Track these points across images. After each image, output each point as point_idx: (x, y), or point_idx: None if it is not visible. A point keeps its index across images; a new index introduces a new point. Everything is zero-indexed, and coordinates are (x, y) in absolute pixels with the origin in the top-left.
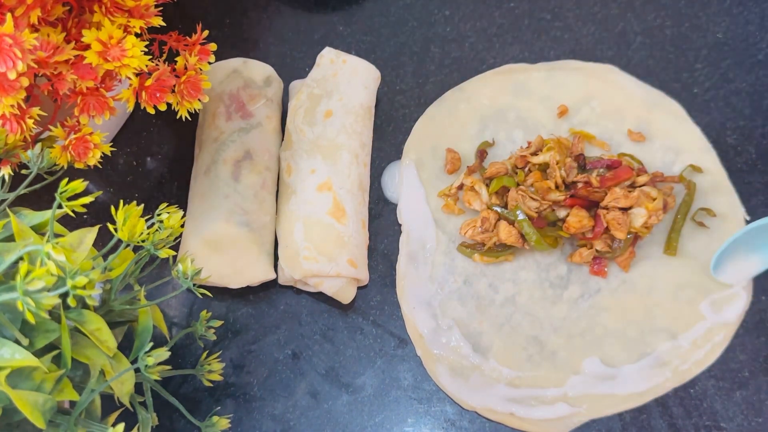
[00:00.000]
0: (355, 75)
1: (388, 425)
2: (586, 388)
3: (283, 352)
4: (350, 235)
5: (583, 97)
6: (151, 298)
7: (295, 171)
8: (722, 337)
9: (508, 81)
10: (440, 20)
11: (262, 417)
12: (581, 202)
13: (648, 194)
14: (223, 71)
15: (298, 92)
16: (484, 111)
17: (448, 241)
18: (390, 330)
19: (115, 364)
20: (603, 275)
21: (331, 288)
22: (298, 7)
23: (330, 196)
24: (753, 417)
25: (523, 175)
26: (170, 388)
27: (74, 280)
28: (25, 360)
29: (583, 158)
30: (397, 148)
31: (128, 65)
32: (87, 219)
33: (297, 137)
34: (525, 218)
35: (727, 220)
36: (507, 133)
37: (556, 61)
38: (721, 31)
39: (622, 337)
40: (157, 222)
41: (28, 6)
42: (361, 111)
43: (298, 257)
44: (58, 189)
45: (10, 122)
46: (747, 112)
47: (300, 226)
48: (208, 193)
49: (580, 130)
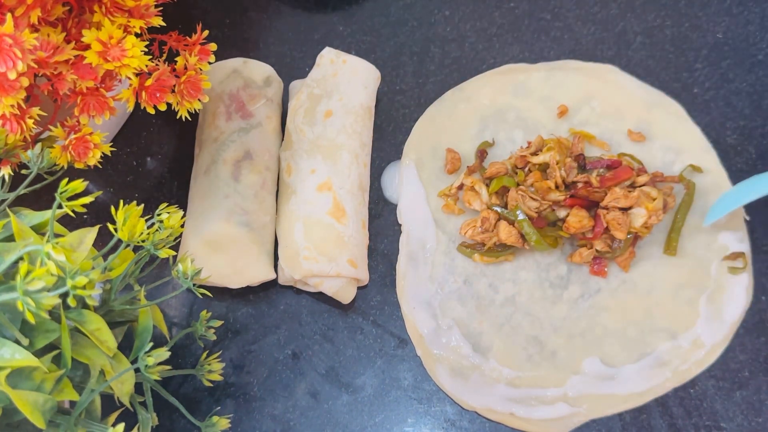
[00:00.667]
0: (355, 75)
1: (388, 425)
2: (586, 388)
3: (283, 352)
4: (350, 235)
5: (583, 97)
6: (151, 298)
7: (295, 171)
8: (722, 337)
9: (508, 81)
10: (440, 20)
11: (262, 417)
12: (581, 202)
13: (648, 194)
14: (223, 71)
15: (298, 92)
16: (484, 111)
17: (448, 241)
18: (390, 330)
19: (115, 364)
20: (603, 275)
21: (331, 288)
22: (298, 7)
23: (330, 196)
24: (753, 417)
25: (523, 175)
26: (170, 388)
27: (74, 280)
28: (25, 360)
29: (583, 158)
30: (397, 148)
31: (128, 65)
32: (87, 219)
33: (297, 137)
34: (525, 218)
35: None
36: (507, 133)
37: (556, 61)
38: (721, 31)
39: (622, 337)
40: (157, 222)
41: (28, 6)
42: (361, 111)
43: (298, 257)
44: (58, 189)
45: (10, 122)
46: (747, 112)
47: (300, 226)
48: (208, 193)
49: (580, 130)
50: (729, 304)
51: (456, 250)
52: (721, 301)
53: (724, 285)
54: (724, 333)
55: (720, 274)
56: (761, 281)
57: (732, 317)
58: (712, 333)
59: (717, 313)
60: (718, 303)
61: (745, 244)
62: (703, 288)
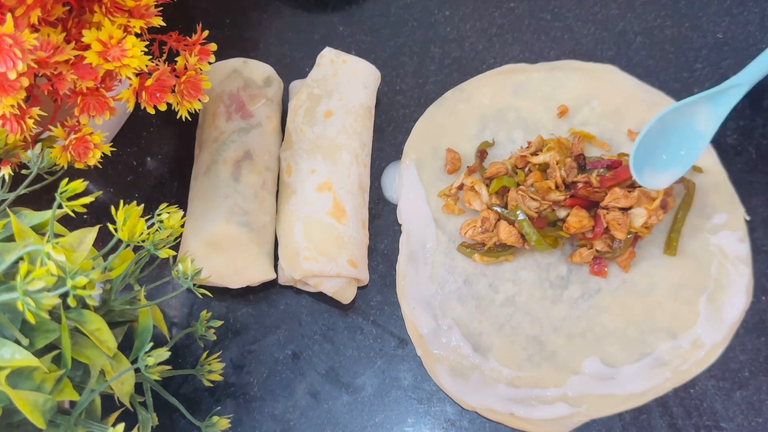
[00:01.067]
0: (355, 75)
1: (388, 425)
2: (586, 388)
3: (283, 352)
4: (350, 235)
5: (583, 97)
6: (151, 298)
7: (295, 171)
8: (722, 338)
9: (508, 81)
10: (440, 20)
11: (262, 417)
12: (581, 202)
13: (648, 194)
14: (222, 71)
15: (298, 92)
16: (484, 111)
17: (448, 241)
18: (390, 330)
19: (115, 364)
20: (603, 275)
21: (331, 288)
22: (298, 7)
23: (330, 196)
24: (753, 417)
25: (524, 175)
26: (170, 388)
27: (74, 280)
28: (25, 360)
29: (583, 158)
30: (397, 148)
31: (128, 65)
32: (87, 219)
33: (297, 137)
34: (525, 218)
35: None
36: (507, 133)
37: (556, 61)
38: (721, 31)
39: (622, 337)
40: (157, 222)
41: (28, 6)
42: (361, 111)
43: (298, 257)
44: (58, 189)
45: (10, 122)
46: (747, 112)
47: (300, 226)
48: (208, 193)
49: (580, 130)
50: (729, 304)
51: (456, 250)
52: (721, 301)
53: (724, 285)
54: (724, 333)
55: (720, 274)
56: (761, 281)
57: (732, 317)
58: (712, 333)
59: (717, 313)
60: (718, 303)
61: (746, 244)
62: (703, 288)
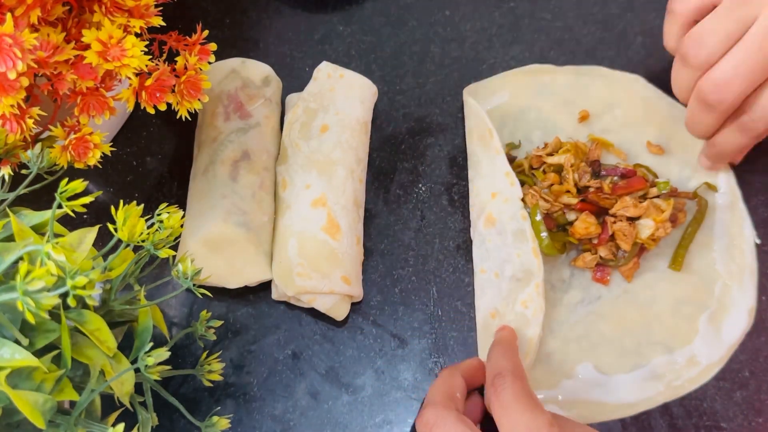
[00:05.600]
0: (351, 90)
1: (388, 425)
2: (577, 393)
3: (283, 352)
4: (344, 251)
5: (607, 105)
6: (151, 298)
7: (290, 186)
8: (718, 358)
9: (533, 81)
10: (440, 20)
11: (262, 417)
12: (591, 207)
13: (658, 206)
14: (221, 71)
15: (294, 106)
16: (505, 108)
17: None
18: (390, 330)
19: (115, 364)
20: (605, 283)
21: (324, 304)
22: (298, 7)
23: (324, 212)
24: (753, 417)
25: (542, 175)
26: (170, 388)
27: (74, 280)
28: (25, 360)
29: (599, 164)
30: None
31: (128, 65)
32: (87, 219)
33: (293, 151)
34: (541, 219)
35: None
36: (525, 133)
37: (583, 66)
38: None
39: (618, 347)
40: (157, 222)
41: (28, 6)
42: (357, 126)
43: (291, 274)
44: (58, 189)
45: (10, 122)
46: None
47: (294, 242)
48: (206, 194)
49: (598, 137)
50: (729, 325)
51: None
52: (721, 321)
53: (726, 306)
54: (721, 354)
55: (723, 295)
56: (761, 281)
57: (731, 339)
58: (709, 352)
59: (716, 333)
60: (719, 323)
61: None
62: (704, 306)
